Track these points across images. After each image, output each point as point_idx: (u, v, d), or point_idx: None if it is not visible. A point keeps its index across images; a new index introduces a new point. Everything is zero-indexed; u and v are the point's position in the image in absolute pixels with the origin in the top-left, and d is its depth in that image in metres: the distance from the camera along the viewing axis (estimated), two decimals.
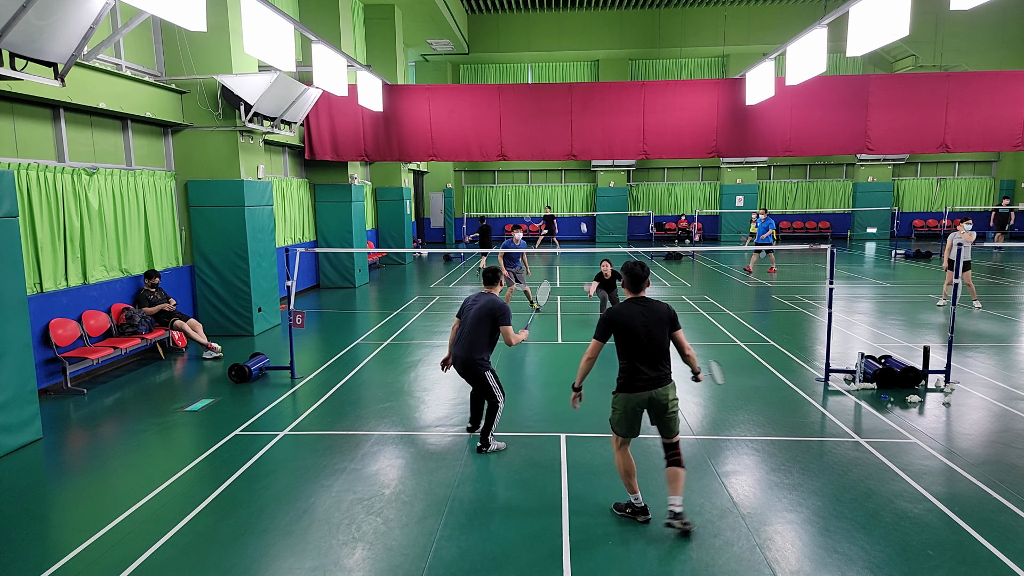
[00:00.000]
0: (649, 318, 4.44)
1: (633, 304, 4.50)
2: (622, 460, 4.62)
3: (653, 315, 4.46)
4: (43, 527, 4.76)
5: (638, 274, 4.51)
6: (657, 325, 4.44)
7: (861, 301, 13.24)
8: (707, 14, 25.04)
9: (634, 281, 4.53)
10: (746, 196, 27.78)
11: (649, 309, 4.47)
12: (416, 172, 25.84)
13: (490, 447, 5.88)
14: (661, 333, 4.45)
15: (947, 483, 5.14)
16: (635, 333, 4.40)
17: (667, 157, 13.66)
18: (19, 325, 6.13)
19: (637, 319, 4.42)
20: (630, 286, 4.55)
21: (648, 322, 4.42)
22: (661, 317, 4.46)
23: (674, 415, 4.49)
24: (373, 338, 10.45)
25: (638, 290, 4.54)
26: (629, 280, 4.53)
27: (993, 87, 12.83)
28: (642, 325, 4.41)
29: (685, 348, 4.62)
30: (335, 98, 13.11)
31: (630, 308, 4.47)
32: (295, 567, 4.12)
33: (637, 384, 4.45)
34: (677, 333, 4.54)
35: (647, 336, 4.40)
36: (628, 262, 4.61)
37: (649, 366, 4.43)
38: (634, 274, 4.52)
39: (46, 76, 6.53)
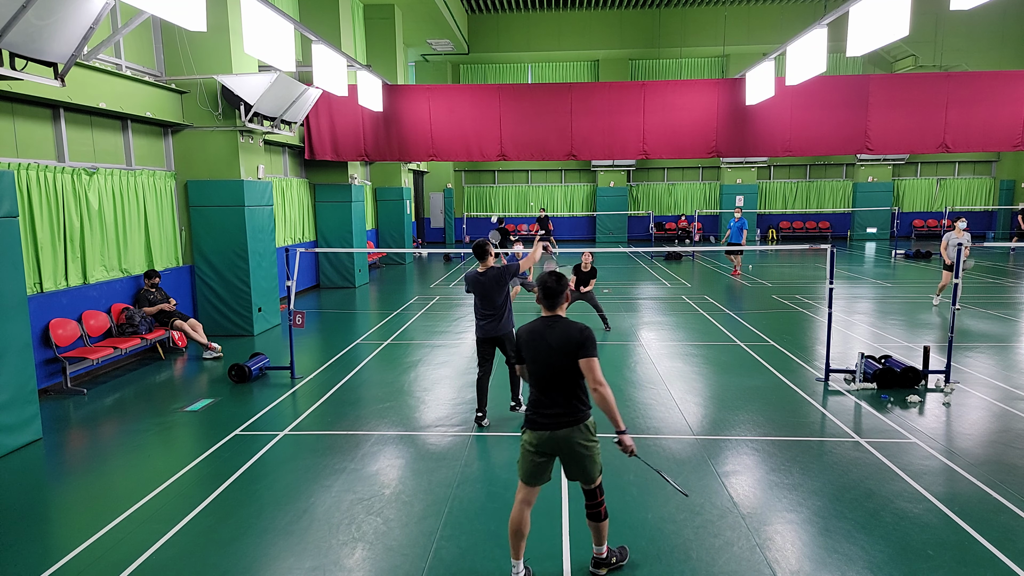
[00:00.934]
0: (553, 341, 3.70)
1: (541, 323, 3.82)
2: (515, 513, 3.84)
3: (559, 338, 3.69)
4: (43, 527, 4.76)
5: (552, 288, 3.80)
6: (560, 351, 3.67)
7: (861, 301, 13.24)
8: (707, 14, 25.04)
9: (547, 295, 3.81)
10: (746, 196, 27.78)
11: (556, 331, 3.73)
12: (416, 172, 25.85)
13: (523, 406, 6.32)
14: (563, 361, 3.66)
15: (947, 483, 5.14)
16: (536, 358, 3.74)
17: (667, 157, 13.65)
18: (19, 325, 6.13)
19: (540, 342, 3.73)
20: (544, 301, 3.84)
21: (552, 346, 3.69)
22: (567, 342, 3.67)
23: (588, 462, 3.77)
24: (373, 338, 10.45)
25: (552, 307, 3.84)
26: (542, 294, 3.83)
27: (993, 87, 12.83)
28: (545, 349, 3.71)
29: (593, 385, 3.65)
30: (335, 98, 13.10)
31: (536, 327, 3.81)
32: (295, 567, 4.12)
33: (538, 420, 3.74)
34: (582, 362, 3.65)
35: (547, 363, 3.70)
36: (543, 274, 3.90)
37: (550, 400, 3.72)
38: (547, 287, 3.81)
39: (46, 76, 6.53)
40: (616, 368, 8.47)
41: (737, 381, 7.86)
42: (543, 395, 3.74)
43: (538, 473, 3.81)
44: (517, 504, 3.86)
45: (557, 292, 3.81)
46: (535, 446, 3.75)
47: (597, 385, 3.64)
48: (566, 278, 3.85)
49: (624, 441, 3.73)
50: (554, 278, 3.81)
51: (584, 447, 3.72)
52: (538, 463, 3.79)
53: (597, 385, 3.64)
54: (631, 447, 3.74)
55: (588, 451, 3.74)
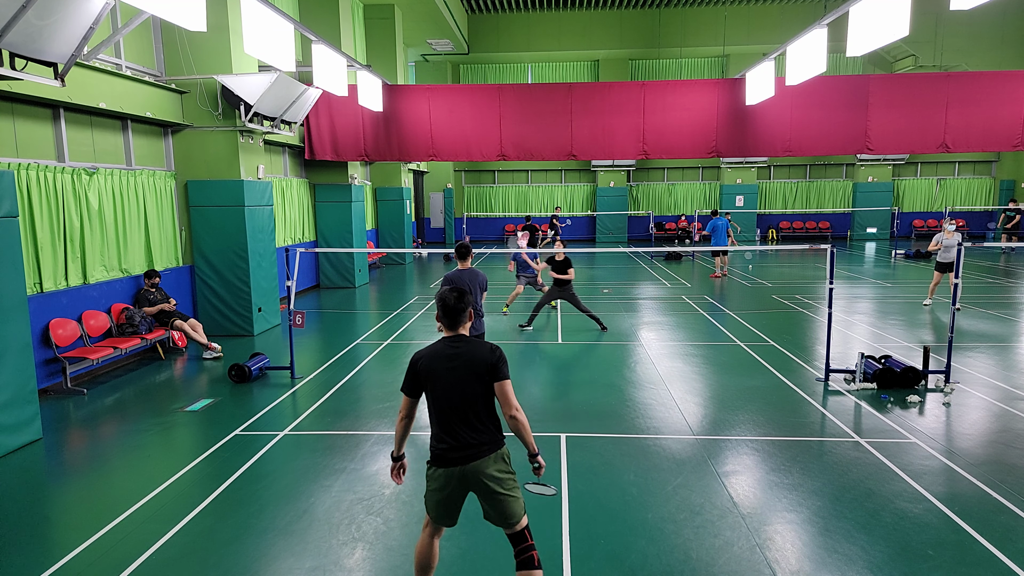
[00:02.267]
0: (461, 365, 3.31)
1: (444, 345, 3.39)
2: (421, 546, 3.53)
3: (467, 361, 3.31)
4: (43, 527, 4.76)
5: (451, 305, 3.37)
6: (470, 375, 3.30)
7: (861, 301, 13.24)
8: (707, 14, 25.04)
9: (447, 314, 3.38)
10: (746, 196, 27.78)
11: (463, 352, 3.33)
12: (416, 172, 25.84)
13: None
14: (474, 386, 3.30)
15: (947, 483, 5.14)
16: (441, 385, 3.32)
17: (667, 157, 13.66)
18: (19, 325, 6.13)
19: (446, 366, 3.32)
20: (443, 320, 3.41)
21: (459, 371, 3.30)
22: (477, 363, 3.30)
23: (506, 497, 3.33)
24: (373, 338, 10.45)
25: (454, 326, 3.39)
26: (441, 312, 3.41)
27: (993, 87, 12.83)
28: (451, 374, 3.31)
29: (510, 411, 3.30)
30: (335, 98, 13.10)
31: (438, 351, 3.38)
32: (295, 567, 4.12)
33: (446, 455, 3.32)
34: (496, 387, 3.31)
35: (455, 390, 3.30)
36: (443, 289, 3.49)
37: (457, 431, 3.31)
38: (446, 305, 3.38)
39: (46, 76, 6.53)
40: (616, 368, 8.47)
41: (737, 381, 7.86)
42: (450, 426, 3.31)
43: (448, 513, 3.44)
44: (424, 537, 3.53)
45: (458, 310, 3.37)
46: (443, 484, 3.35)
47: (514, 411, 3.30)
48: (468, 295, 3.44)
49: (540, 461, 3.43)
50: (455, 294, 3.38)
51: (499, 482, 3.31)
52: (447, 502, 3.40)
53: (514, 411, 3.30)
54: (542, 464, 3.45)
55: (504, 486, 3.32)
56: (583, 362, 8.96)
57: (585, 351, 9.41)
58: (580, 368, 8.70)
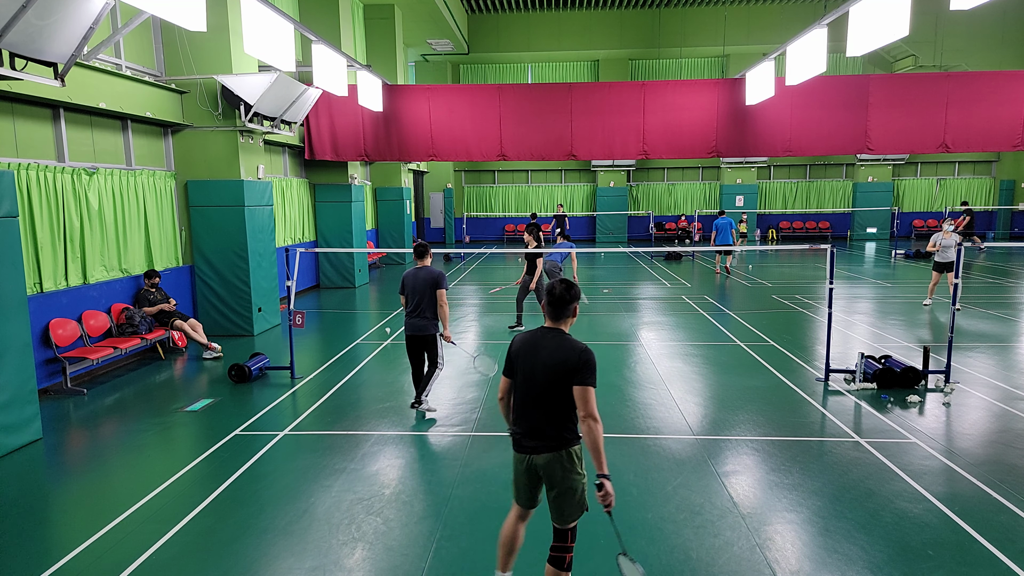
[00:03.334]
0: (547, 357, 3.26)
1: (540, 334, 3.37)
2: (505, 526, 3.61)
3: (553, 355, 3.25)
4: (43, 527, 4.76)
5: (558, 295, 3.31)
6: (552, 370, 3.23)
7: (861, 301, 13.24)
8: (707, 14, 25.04)
9: (552, 303, 3.34)
10: (746, 196, 27.78)
11: (552, 346, 3.28)
12: (416, 172, 25.84)
13: (423, 405, 6.71)
14: (554, 382, 3.23)
15: (947, 483, 5.14)
16: (525, 371, 3.33)
17: (667, 157, 13.66)
18: (19, 325, 6.13)
19: (534, 355, 3.31)
20: (547, 309, 3.38)
21: (544, 363, 3.26)
22: (562, 361, 3.22)
23: (566, 495, 3.32)
24: (373, 338, 10.45)
25: (556, 317, 3.35)
26: (546, 301, 3.37)
27: (993, 87, 12.83)
28: (536, 364, 3.28)
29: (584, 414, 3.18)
30: (335, 98, 13.10)
31: (533, 338, 3.37)
32: (295, 567, 4.12)
33: (521, 443, 3.38)
34: (576, 390, 3.19)
35: (536, 381, 3.28)
36: (553, 280, 3.43)
37: (532, 420, 3.32)
38: (552, 295, 3.33)
39: (46, 76, 6.52)
40: (616, 368, 8.47)
41: (737, 381, 7.86)
42: (525, 414, 3.34)
43: (526, 495, 3.49)
44: (511, 516, 3.63)
45: (564, 302, 3.32)
46: (517, 467, 3.46)
47: (588, 418, 3.17)
48: (577, 287, 3.41)
49: (606, 487, 3.20)
50: (564, 285, 3.32)
51: (562, 479, 3.30)
52: (521, 485, 3.47)
53: (588, 418, 3.17)
54: (612, 496, 3.23)
55: (568, 483, 3.30)
56: None
57: None
58: None
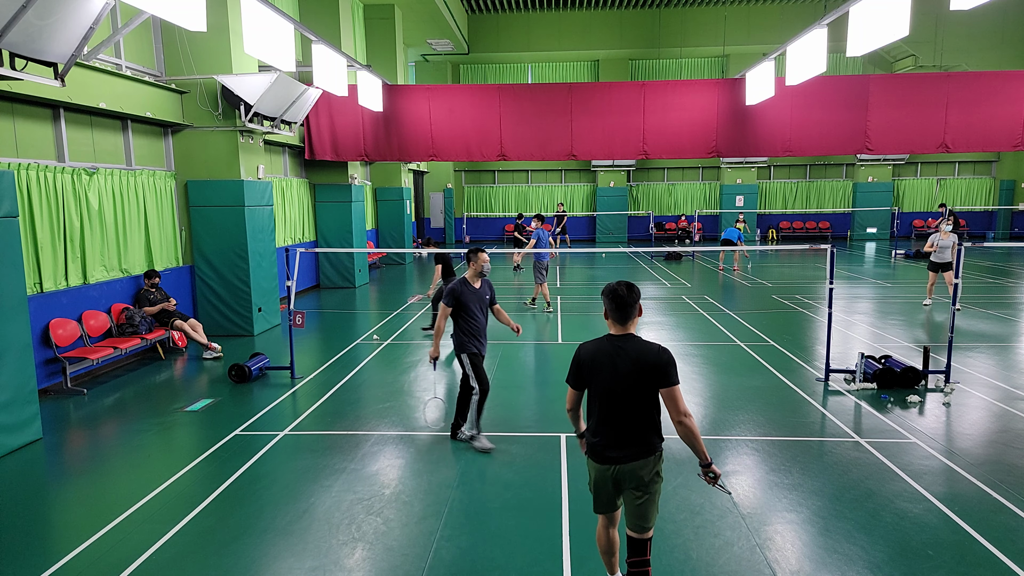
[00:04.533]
0: (625, 364, 3.22)
1: (609, 343, 3.31)
2: (599, 534, 3.65)
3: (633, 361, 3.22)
4: (43, 527, 4.76)
5: (623, 298, 3.24)
6: (634, 376, 3.20)
7: (861, 301, 13.24)
8: (707, 14, 25.04)
9: (618, 307, 3.26)
10: (746, 196, 27.78)
11: (629, 352, 3.24)
12: (416, 172, 25.84)
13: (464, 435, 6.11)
14: (638, 388, 3.22)
15: (947, 483, 5.14)
16: (603, 382, 3.27)
17: (667, 157, 13.66)
18: (19, 325, 6.13)
19: (609, 364, 3.25)
20: (614, 314, 3.30)
21: (623, 370, 3.22)
22: (643, 365, 3.20)
23: (649, 502, 3.31)
24: (373, 337, 10.45)
25: (623, 321, 3.28)
26: (612, 305, 3.29)
27: (993, 87, 12.83)
28: (615, 372, 3.24)
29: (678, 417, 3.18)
30: (335, 98, 13.10)
31: (603, 347, 3.31)
32: (295, 567, 4.12)
33: (604, 453, 3.33)
34: (664, 392, 3.21)
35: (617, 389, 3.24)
36: (612, 283, 3.33)
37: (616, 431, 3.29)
38: (618, 297, 3.26)
39: (46, 76, 6.52)
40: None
41: (737, 381, 7.86)
42: (609, 425, 3.26)
43: (606, 504, 3.47)
44: (601, 527, 3.62)
45: (629, 303, 3.23)
46: (597, 478, 3.38)
47: (682, 417, 3.13)
48: (637, 288, 3.29)
49: (713, 469, 3.27)
50: (625, 286, 3.23)
51: (647, 485, 3.26)
52: (602, 495, 3.44)
53: (682, 417, 3.13)
54: (719, 474, 3.30)
55: (650, 490, 3.27)
56: None
57: None
58: None
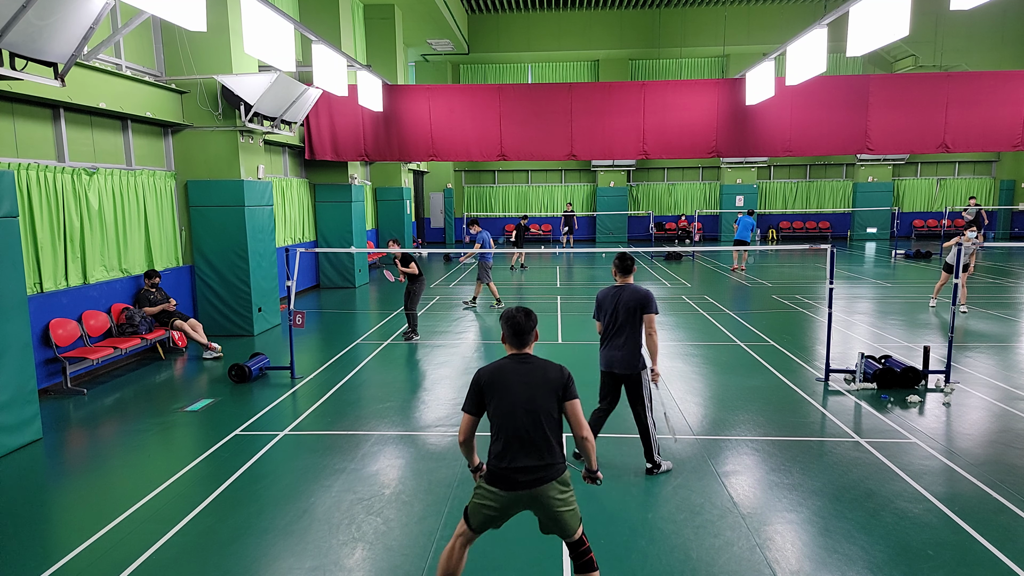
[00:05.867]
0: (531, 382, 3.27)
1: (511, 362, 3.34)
2: (451, 553, 3.41)
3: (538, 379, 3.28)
4: (43, 527, 4.76)
5: (521, 323, 3.32)
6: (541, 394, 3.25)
7: (861, 301, 13.24)
8: (707, 14, 25.03)
9: (516, 333, 3.34)
10: (746, 196, 27.78)
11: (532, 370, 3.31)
12: (416, 172, 25.84)
13: (660, 468, 5.33)
14: (545, 406, 3.24)
15: (947, 483, 5.14)
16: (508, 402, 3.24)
17: (667, 157, 13.66)
18: (19, 325, 6.13)
19: (514, 384, 3.26)
20: (512, 340, 3.37)
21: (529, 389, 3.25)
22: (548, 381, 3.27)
23: (567, 513, 3.30)
24: (373, 338, 10.45)
25: (523, 344, 3.36)
26: (510, 331, 3.35)
27: (993, 87, 12.83)
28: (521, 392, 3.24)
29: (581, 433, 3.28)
30: (335, 98, 13.10)
31: (505, 367, 3.33)
32: (295, 567, 4.12)
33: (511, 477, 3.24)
34: (568, 406, 3.28)
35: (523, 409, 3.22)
36: (510, 309, 3.42)
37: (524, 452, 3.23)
38: (516, 323, 3.33)
39: (46, 76, 6.52)
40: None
41: (737, 381, 7.86)
42: (516, 446, 3.21)
43: (495, 525, 3.40)
44: (459, 543, 3.41)
45: (526, 329, 3.34)
46: (502, 504, 3.28)
47: (584, 433, 3.27)
48: (534, 314, 3.40)
49: (598, 476, 3.48)
50: (523, 313, 3.35)
51: (563, 502, 3.27)
52: (500, 519, 3.36)
53: (584, 433, 3.27)
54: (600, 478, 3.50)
55: (567, 504, 3.29)
56: (583, 362, 8.94)
57: (585, 351, 9.41)
58: (580, 368, 8.68)
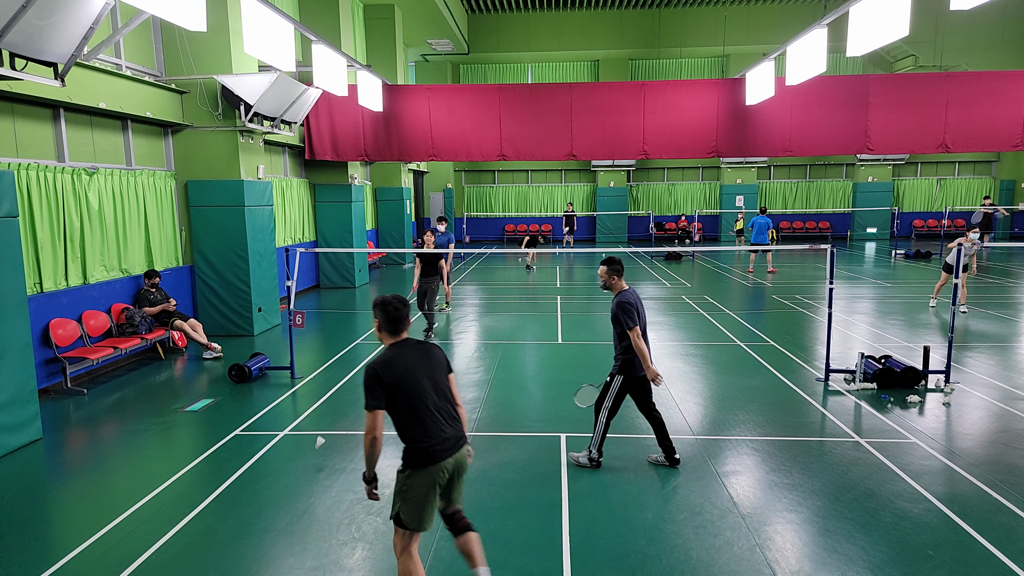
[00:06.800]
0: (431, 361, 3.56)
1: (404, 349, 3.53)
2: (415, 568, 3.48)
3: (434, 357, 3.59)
4: (43, 527, 4.76)
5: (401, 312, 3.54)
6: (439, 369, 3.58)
7: (861, 301, 13.23)
8: (707, 14, 25.04)
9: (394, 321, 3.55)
10: (746, 196, 27.78)
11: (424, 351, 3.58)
12: (416, 172, 25.84)
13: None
14: (443, 379, 3.60)
15: (947, 483, 5.14)
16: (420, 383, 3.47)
17: (667, 157, 13.65)
18: (19, 325, 6.13)
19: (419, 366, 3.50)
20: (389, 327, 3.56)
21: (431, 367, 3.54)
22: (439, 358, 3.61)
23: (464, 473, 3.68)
24: (373, 338, 10.45)
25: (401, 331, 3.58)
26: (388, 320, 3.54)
27: (993, 87, 12.83)
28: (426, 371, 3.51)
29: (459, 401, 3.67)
30: (335, 98, 13.10)
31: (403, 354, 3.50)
32: (295, 567, 4.12)
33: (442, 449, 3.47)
34: (451, 378, 3.67)
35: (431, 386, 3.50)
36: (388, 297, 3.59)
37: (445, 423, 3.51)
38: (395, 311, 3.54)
39: (46, 76, 6.52)
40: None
41: (737, 381, 7.86)
42: (435, 422, 3.44)
43: (434, 511, 3.51)
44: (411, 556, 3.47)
45: (403, 316, 3.55)
46: (434, 481, 3.43)
47: (460, 400, 3.67)
48: (408, 302, 3.64)
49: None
50: (399, 300, 3.57)
51: (465, 465, 3.61)
52: (435, 500, 3.50)
53: (460, 400, 3.67)
54: None
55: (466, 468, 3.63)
56: (583, 362, 8.95)
57: (585, 351, 9.41)
58: (580, 368, 8.69)
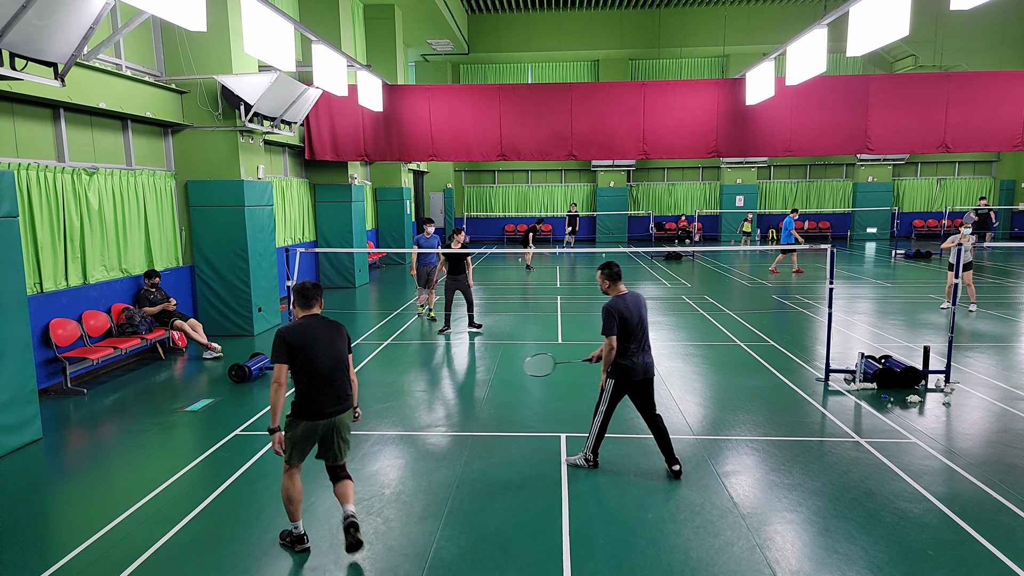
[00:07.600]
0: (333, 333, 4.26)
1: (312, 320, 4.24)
2: (294, 487, 4.28)
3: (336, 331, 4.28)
4: (43, 527, 4.76)
5: (310, 291, 4.29)
6: (340, 342, 4.27)
7: (861, 301, 13.23)
8: (707, 14, 25.04)
9: (308, 297, 4.29)
10: (746, 196, 27.78)
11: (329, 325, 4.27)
12: (416, 172, 25.83)
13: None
14: (343, 351, 4.27)
15: (947, 483, 5.14)
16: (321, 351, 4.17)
17: (667, 157, 13.65)
18: (19, 325, 6.13)
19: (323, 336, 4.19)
20: (303, 302, 4.29)
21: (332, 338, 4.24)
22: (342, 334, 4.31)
23: (348, 441, 4.36)
24: (373, 338, 10.45)
25: (313, 307, 4.30)
26: (301, 297, 4.29)
27: (993, 87, 12.82)
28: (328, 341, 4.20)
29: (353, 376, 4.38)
30: (335, 98, 13.10)
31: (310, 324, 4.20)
32: (295, 567, 4.12)
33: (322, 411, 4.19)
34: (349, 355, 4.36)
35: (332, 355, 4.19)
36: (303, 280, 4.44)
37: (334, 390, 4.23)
38: (306, 290, 4.30)
39: (46, 76, 6.53)
40: None
41: (737, 381, 7.86)
42: (326, 386, 4.14)
43: (306, 452, 4.26)
44: (294, 478, 4.25)
45: (315, 296, 4.28)
46: (311, 434, 4.17)
47: (353, 375, 4.35)
48: (321, 287, 4.36)
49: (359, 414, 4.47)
50: (312, 284, 4.32)
51: (349, 428, 4.33)
52: (311, 447, 4.27)
53: (353, 375, 4.35)
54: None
55: (350, 431, 4.35)
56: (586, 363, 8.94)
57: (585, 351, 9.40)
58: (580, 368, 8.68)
